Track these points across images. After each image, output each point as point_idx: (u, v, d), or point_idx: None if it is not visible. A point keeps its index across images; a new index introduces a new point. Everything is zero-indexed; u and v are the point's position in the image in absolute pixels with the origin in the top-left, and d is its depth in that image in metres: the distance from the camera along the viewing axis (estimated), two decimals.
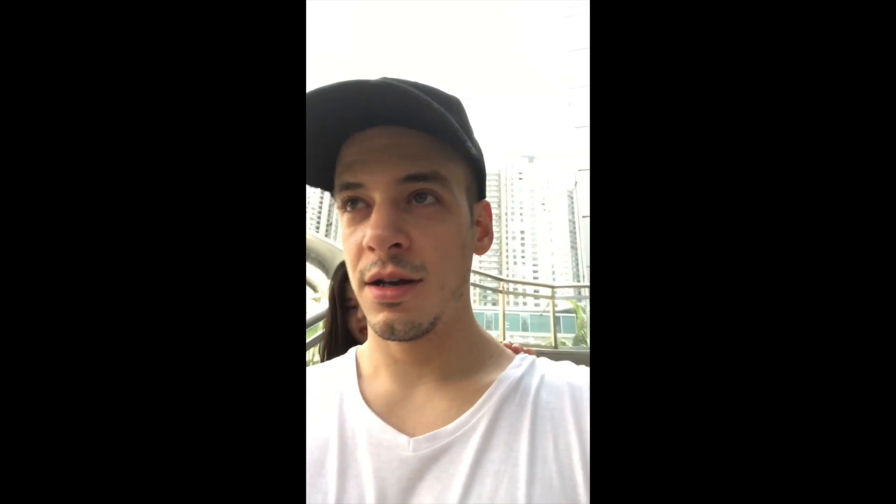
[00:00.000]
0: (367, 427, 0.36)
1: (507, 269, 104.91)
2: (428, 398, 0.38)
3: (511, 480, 0.33)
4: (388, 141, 0.35)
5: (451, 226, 0.36)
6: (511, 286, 5.31)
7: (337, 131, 0.36)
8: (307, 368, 0.43)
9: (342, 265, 1.04)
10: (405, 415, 0.37)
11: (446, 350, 0.39)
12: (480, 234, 0.41)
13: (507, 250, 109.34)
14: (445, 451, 0.35)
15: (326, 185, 0.39)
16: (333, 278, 1.09)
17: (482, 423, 0.36)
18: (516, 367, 0.40)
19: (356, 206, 0.36)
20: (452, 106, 0.37)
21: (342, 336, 1.07)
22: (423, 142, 0.36)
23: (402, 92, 0.32)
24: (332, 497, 0.34)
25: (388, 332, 0.35)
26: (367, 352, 0.42)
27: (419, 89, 0.34)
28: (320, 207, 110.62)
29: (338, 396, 0.39)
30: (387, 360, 0.39)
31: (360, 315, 1.04)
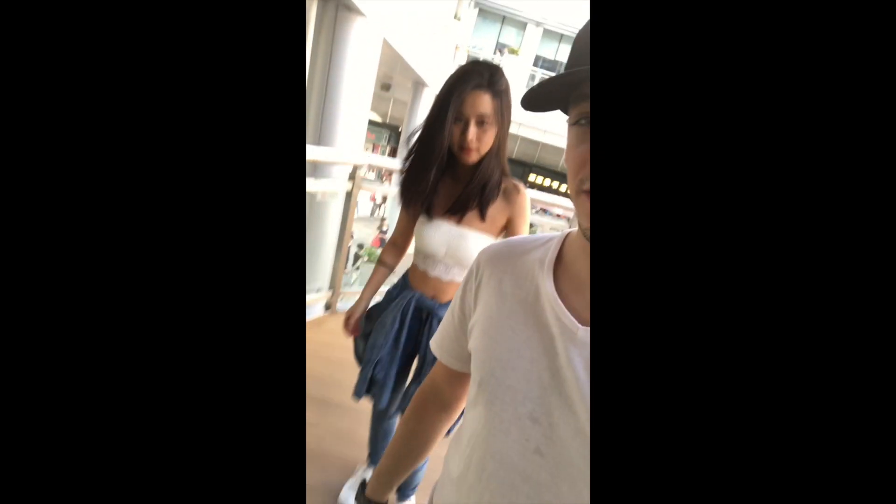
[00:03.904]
0: (552, 302, 0.43)
1: None
2: None
3: None
4: None
5: None
6: None
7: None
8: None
9: (461, 71, 0.97)
10: (586, 303, 0.42)
11: None
12: None
13: None
14: None
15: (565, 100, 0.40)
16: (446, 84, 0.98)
17: None
18: None
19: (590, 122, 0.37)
20: None
21: (440, 150, 0.99)
22: None
23: None
24: (519, 339, 0.44)
25: None
26: (574, 241, 0.46)
27: None
28: None
29: (538, 263, 0.46)
30: (586, 256, 0.43)
31: (470, 137, 0.97)
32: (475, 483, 0.45)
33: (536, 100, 0.39)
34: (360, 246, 9.00)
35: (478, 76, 0.95)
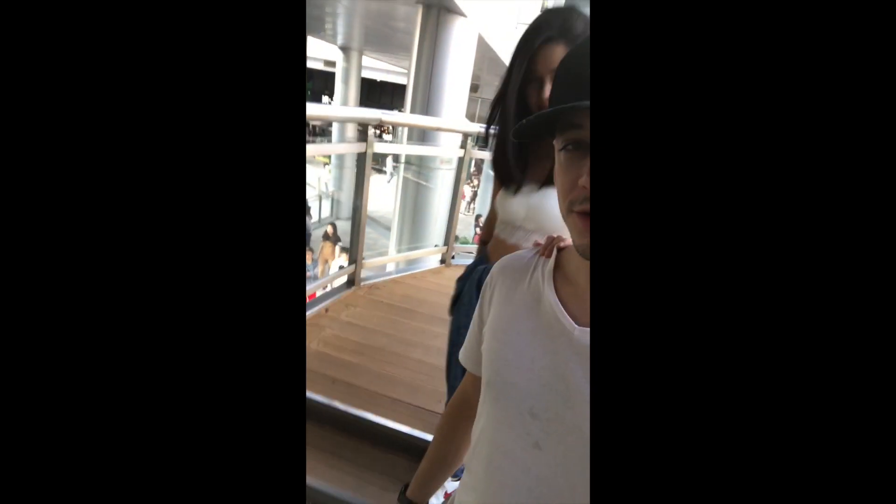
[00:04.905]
0: (552, 305, 0.46)
1: None
2: None
3: None
4: None
5: None
6: None
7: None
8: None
9: (530, 26, 0.87)
10: (582, 308, 0.45)
11: None
12: None
13: None
14: None
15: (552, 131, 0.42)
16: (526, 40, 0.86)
17: None
18: None
19: (578, 147, 0.39)
20: None
21: (516, 104, 0.89)
22: None
23: None
24: (523, 340, 0.47)
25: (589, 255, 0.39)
26: (570, 254, 0.49)
27: None
28: None
29: (541, 273, 0.50)
30: (581, 267, 0.46)
31: (547, 97, 0.85)
32: (483, 476, 0.49)
33: (526, 132, 0.42)
34: (456, 238, 9.48)
35: (547, 28, 0.84)
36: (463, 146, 2.82)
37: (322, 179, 9.85)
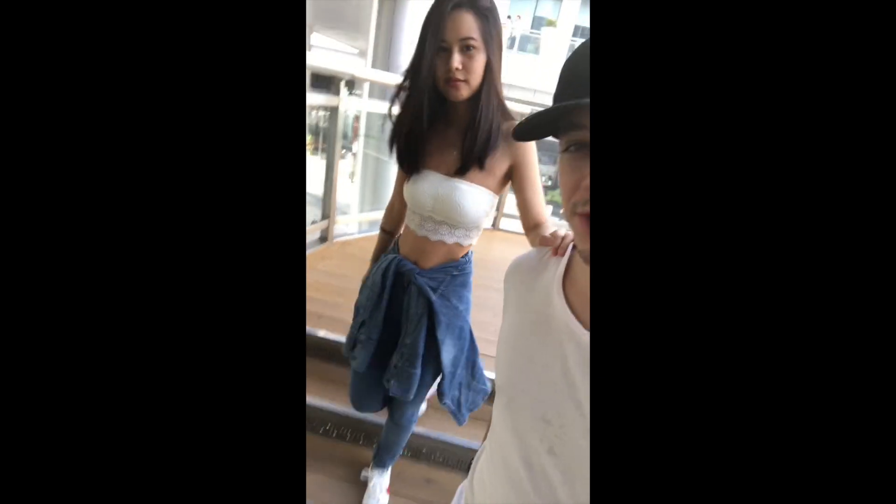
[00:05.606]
0: (561, 310, 0.46)
1: None
2: None
3: None
4: None
5: None
6: None
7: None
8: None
9: None
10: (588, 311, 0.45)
11: None
12: None
13: None
14: None
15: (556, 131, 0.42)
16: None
17: None
18: None
19: (580, 148, 0.38)
20: None
21: (425, 87, 0.87)
22: None
23: None
24: (534, 346, 0.47)
25: None
26: (578, 257, 0.48)
27: None
28: None
29: (551, 278, 0.49)
30: (586, 270, 0.45)
31: (455, 65, 0.84)
32: (503, 481, 0.49)
33: (528, 131, 0.41)
34: None
35: None
36: None
37: None
